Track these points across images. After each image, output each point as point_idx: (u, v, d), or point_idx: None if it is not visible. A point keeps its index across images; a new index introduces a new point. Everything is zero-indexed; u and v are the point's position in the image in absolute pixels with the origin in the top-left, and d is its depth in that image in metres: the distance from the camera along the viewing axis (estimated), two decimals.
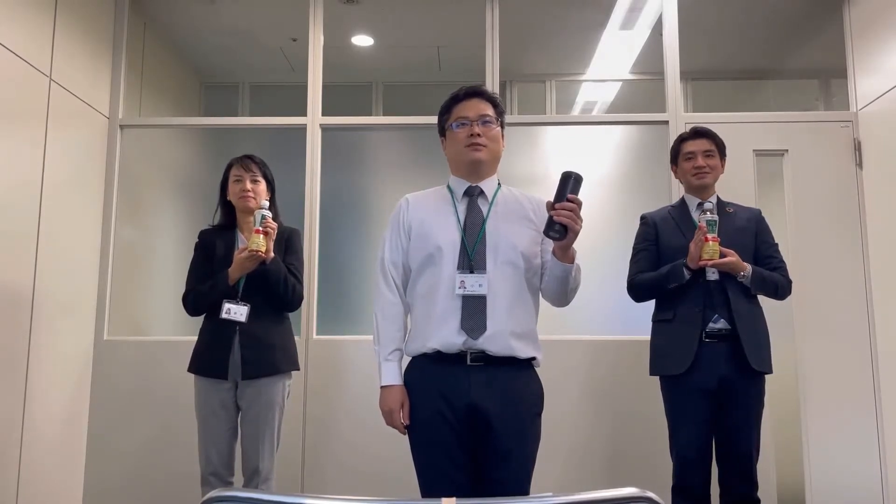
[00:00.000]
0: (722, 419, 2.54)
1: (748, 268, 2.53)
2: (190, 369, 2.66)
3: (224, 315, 2.59)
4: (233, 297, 2.61)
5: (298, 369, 2.75)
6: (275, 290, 2.61)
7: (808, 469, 3.34)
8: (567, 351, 3.38)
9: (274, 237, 2.59)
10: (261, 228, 2.53)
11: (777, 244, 2.72)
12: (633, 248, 2.79)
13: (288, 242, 2.74)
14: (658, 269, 2.65)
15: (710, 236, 2.45)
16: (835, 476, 3.31)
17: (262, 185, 2.72)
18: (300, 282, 2.71)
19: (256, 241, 2.52)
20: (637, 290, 2.71)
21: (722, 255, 2.47)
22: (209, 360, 2.62)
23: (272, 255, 2.58)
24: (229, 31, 4.26)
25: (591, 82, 4.81)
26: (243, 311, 2.60)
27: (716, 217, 2.51)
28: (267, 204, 2.60)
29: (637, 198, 3.52)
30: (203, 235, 2.78)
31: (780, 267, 2.65)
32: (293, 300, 2.68)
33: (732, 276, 2.54)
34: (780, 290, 2.62)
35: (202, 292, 2.64)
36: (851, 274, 3.43)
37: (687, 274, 2.53)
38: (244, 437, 2.62)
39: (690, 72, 4.19)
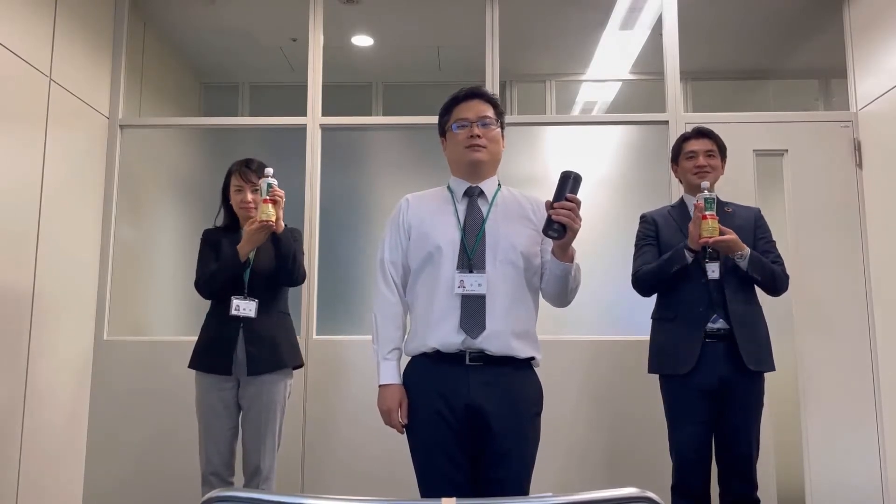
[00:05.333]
0: (721, 419, 2.54)
1: (746, 249, 2.53)
2: (192, 365, 2.65)
3: (233, 311, 2.58)
4: (240, 293, 2.61)
5: (303, 365, 2.75)
6: (284, 262, 2.58)
7: (808, 469, 3.34)
8: (567, 351, 3.38)
9: (283, 206, 2.53)
10: (269, 197, 2.47)
11: (775, 241, 2.71)
12: (636, 245, 2.78)
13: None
14: None
15: (707, 213, 2.45)
16: (835, 476, 3.31)
17: None
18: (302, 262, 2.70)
19: (266, 212, 2.46)
20: (642, 283, 2.69)
21: (721, 234, 2.47)
22: (213, 356, 2.61)
23: (283, 224, 2.54)
24: (229, 31, 4.26)
25: (591, 82, 4.80)
26: (252, 306, 2.60)
27: (714, 195, 2.51)
28: (272, 171, 2.53)
29: (637, 198, 3.52)
30: (208, 234, 2.78)
31: (777, 262, 2.64)
32: (298, 274, 2.65)
33: (732, 275, 2.55)
34: (778, 280, 2.61)
35: (214, 271, 2.62)
36: (851, 274, 3.43)
37: (689, 256, 2.53)
38: (245, 436, 2.62)
39: (690, 72, 4.19)
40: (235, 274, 2.60)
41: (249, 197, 2.68)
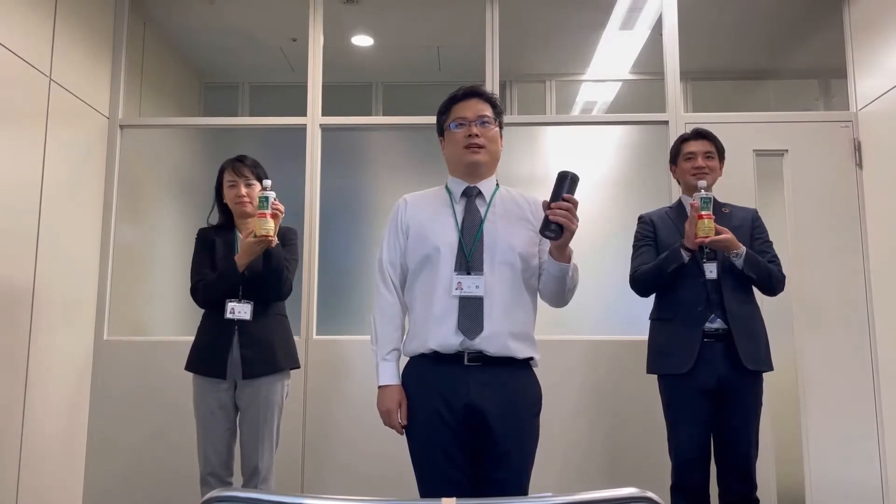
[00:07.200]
0: (720, 418, 2.54)
1: (742, 248, 2.53)
2: (188, 368, 2.65)
3: (228, 315, 2.58)
4: (235, 296, 2.61)
5: (299, 367, 2.75)
6: (271, 277, 2.57)
7: (808, 469, 3.34)
8: (566, 351, 3.38)
9: (280, 220, 2.55)
10: (268, 212, 2.47)
11: (772, 242, 2.71)
12: (634, 245, 2.78)
13: (283, 238, 2.72)
14: None
15: (704, 213, 2.45)
16: (835, 476, 3.30)
17: (257, 188, 2.69)
18: (291, 272, 2.69)
19: (265, 226, 2.47)
20: (640, 283, 2.69)
21: (717, 234, 2.47)
22: (208, 359, 2.61)
23: (275, 240, 2.55)
24: (229, 31, 4.26)
25: (591, 82, 4.81)
26: (247, 308, 2.60)
27: (710, 194, 2.51)
28: (269, 183, 2.54)
29: (637, 198, 3.52)
30: (202, 233, 2.77)
31: (773, 261, 2.64)
32: (284, 290, 2.64)
33: (729, 275, 2.55)
34: (774, 279, 2.60)
35: (211, 282, 2.62)
36: (851, 273, 3.43)
37: (685, 255, 2.53)
38: (243, 437, 2.62)
39: (690, 72, 4.19)
40: (233, 286, 2.60)
41: (243, 191, 2.67)
